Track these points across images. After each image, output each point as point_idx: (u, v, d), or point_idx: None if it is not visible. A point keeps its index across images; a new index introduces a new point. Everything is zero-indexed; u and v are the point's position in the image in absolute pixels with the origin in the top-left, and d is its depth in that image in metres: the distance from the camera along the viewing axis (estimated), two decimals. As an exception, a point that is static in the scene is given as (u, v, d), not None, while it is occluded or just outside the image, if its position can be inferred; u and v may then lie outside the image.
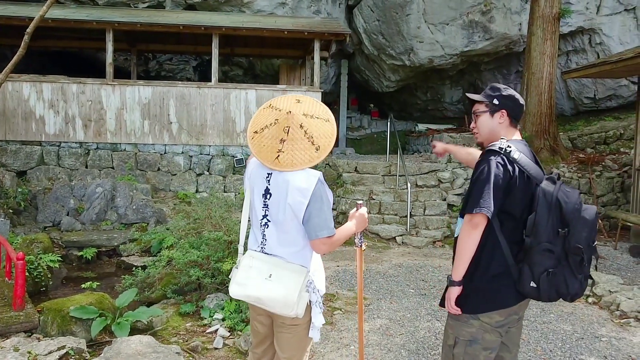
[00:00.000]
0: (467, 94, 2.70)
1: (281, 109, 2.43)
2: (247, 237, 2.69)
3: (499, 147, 2.40)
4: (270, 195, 2.44)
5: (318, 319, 2.49)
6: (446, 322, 2.66)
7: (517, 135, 2.55)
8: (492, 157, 2.39)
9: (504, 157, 2.37)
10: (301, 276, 2.41)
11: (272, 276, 2.41)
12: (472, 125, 2.64)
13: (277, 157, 2.37)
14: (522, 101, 2.55)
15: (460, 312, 2.49)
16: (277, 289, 2.38)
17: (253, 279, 2.43)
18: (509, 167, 2.35)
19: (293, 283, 2.38)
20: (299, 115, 2.39)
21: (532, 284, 2.31)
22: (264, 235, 2.50)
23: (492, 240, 2.40)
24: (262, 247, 2.51)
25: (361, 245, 2.82)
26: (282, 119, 2.39)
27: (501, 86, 2.56)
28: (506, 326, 2.50)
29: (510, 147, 2.39)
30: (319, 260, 2.61)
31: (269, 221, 2.46)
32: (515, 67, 14.93)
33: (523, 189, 2.36)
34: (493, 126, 2.53)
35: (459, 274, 2.45)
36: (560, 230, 2.26)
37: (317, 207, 2.34)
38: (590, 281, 2.61)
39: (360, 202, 2.72)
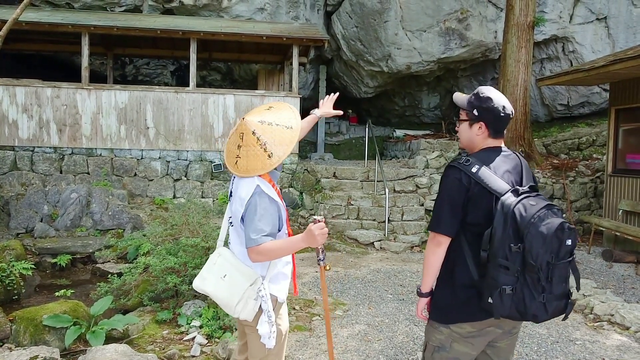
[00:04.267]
0: (454, 96, 2.60)
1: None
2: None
3: (458, 162, 2.38)
4: (232, 197, 2.59)
5: (263, 328, 2.46)
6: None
7: (497, 143, 2.47)
8: (450, 173, 2.39)
9: (462, 172, 2.34)
10: (248, 282, 2.47)
11: (226, 277, 2.52)
12: (457, 127, 2.60)
13: (235, 163, 2.48)
14: (504, 112, 2.39)
15: (427, 319, 2.55)
16: (223, 290, 2.50)
17: (212, 276, 2.57)
18: (465, 181, 2.31)
19: (237, 288, 2.47)
20: (253, 122, 2.43)
21: (490, 300, 2.20)
22: (229, 234, 2.66)
23: (459, 253, 2.38)
24: (229, 245, 2.66)
25: (322, 264, 2.64)
26: (239, 125, 2.48)
27: (485, 94, 2.43)
28: (481, 338, 2.39)
29: (469, 161, 2.35)
30: (284, 267, 2.62)
31: (233, 222, 2.59)
32: (491, 74, 15.16)
33: (484, 202, 2.28)
34: (471, 136, 2.48)
35: (426, 286, 2.49)
36: (512, 245, 2.13)
37: (249, 218, 2.38)
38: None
39: (317, 217, 2.47)
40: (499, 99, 2.41)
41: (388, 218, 9.41)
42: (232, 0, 12.82)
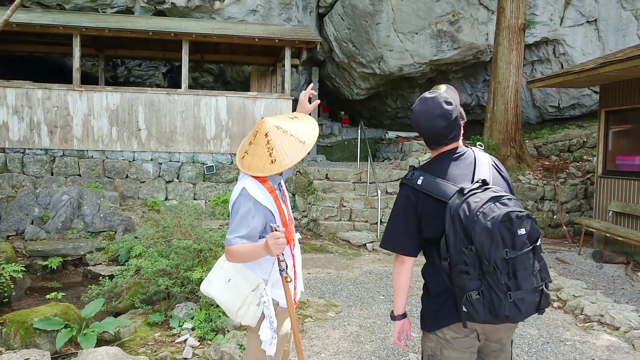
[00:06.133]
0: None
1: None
2: None
3: (405, 179, 2.34)
4: None
5: (265, 333, 2.48)
6: None
7: (450, 147, 2.36)
8: (400, 191, 2.37)
9: (409, 188, 2.29)
10: (250, 287, 2.49)
11: (231, 281, 2.51)
12: None
13: (242, 157, 2.50)
14: (422, 126, 2.31)
15: (407, 347, 2.58)
16: (226, 295, 2.51)
17: (217, 280, 2.56)
18: (412, 197, 2.26)
19: (239, 295, 2.49)
20: (270, 125, 2.43)
21: (464, 309, 2.11)
22: None
23: (432, 265, 2.32)
24: None
25: (283, 274, 2.44)
26: (257, 124, 2.48)
27: (413, 109, 2.35)
28: (469, 340, 2.28)
29: (414, 174, 2.30)
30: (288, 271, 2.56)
31: None
32: (483, 76, 15.23)
33: (438, 212, 2.18)
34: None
35: (399, 307, 2.44)
36: (465, 249, 2.04)
37: (231, 218, 2.43)
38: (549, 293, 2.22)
39: (274, 225, 2.37)
40: (417, 114, 2.33)
41: (380, 220, 9.43)
42: (225, 2, 12.82)
